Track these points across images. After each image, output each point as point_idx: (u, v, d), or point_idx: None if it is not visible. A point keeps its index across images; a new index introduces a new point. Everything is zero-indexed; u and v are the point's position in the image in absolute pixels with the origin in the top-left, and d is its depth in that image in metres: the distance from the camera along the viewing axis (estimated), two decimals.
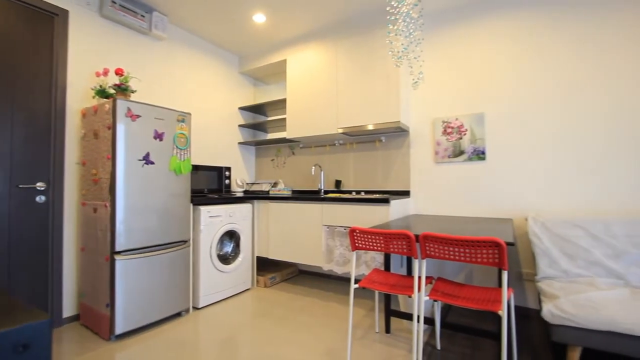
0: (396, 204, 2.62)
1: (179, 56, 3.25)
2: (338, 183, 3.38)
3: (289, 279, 3.48)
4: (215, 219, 2.78)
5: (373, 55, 2.85)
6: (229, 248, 3.06)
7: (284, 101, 3.49)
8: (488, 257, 1.51)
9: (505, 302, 1.51)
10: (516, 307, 2.55)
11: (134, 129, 2.23)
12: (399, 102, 2.71)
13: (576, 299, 1.68)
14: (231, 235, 3.05)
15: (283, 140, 3.63)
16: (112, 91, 2.41)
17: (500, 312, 1.49)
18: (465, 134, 2.75)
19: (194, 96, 3.38)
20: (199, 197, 2.79)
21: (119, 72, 2.39)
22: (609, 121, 2.29)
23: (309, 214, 2.91)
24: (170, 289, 2.43)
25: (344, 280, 3.37)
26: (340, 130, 3.03)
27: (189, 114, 2.62)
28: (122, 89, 2.36)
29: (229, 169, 3.48)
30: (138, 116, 2.26)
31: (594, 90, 2.34)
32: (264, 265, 3.62)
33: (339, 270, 2.69)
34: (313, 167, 3.41)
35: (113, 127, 2.16)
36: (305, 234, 2.92)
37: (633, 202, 2.21)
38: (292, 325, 2.35)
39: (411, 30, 2.26)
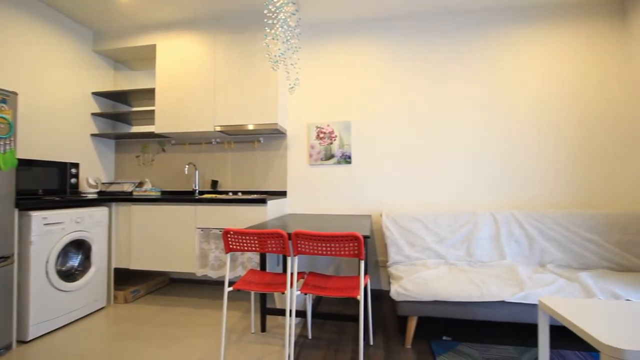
0: (273, 204, 2.69)
1: (1, 17, 2.50)
2: (214, 183, 3.23)
3: (157, 290, 3.12)
4: (54, 227, 2.26)
5: (253, 55, 2.85)
6: (75, 261, 2.53)
7: (153, 91, 3.12)
8: (349, 249, 1.71)
9: (362, 288, 1.74)
10: (373, 291, 2.97)
11: None
12: (277, 104, 2.79)
13: (414, 278, 2.08)
14: (79, 246, 2.53)
15: (151, 135, 3.24)
16: None
17: (358, 298, 1.71)
18: (335, 140, 3.05)
19: (24, 72, 2.66)
20: (30, 200, 2.21)
21: None
22: (444, 139, 2.92)
23: (181, 217, 2.68)
24: None
25: (221, 284, 3.25)
26: (218, 128, 2.91)
27: (15, 93, 2.05)
28: None
29: (76, 165, 2.88)
30: None
31: (437, 111, 2.94)
32: (126, 278, 3.14)
33: (214, 274, 2.58)
34: (187, 166, 3.16)
35: None
36: (176, 238, 2.68)
37: (453, 201, 2.88)
38: (159, 341, 2.12)
39: (288, 37, 2.35)
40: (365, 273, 1.95)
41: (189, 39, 3.02)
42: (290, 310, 1.79)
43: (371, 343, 2.09)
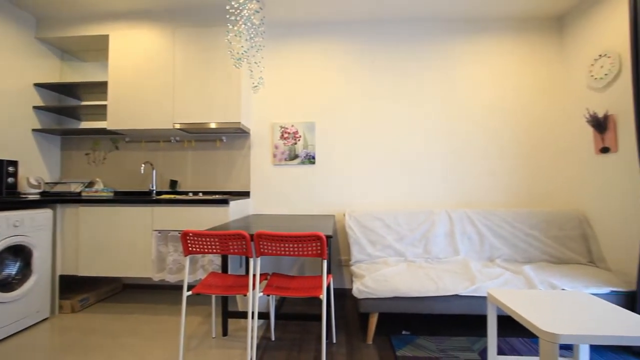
0: (236, 205, 2.63)
1: None
2: (173, 183, 3.10)
3: (109, 298, 2.93)
4: None
5: (215, 52, 2.77)
6: (12, 269, 2.30)
7: (105, 84, 2.92)
8: (312, 249, 1.72)
9: (325, 288, 1.76)
10: (337, 289, 3.01)
11: None
12: (240, 103, 2.74)
13: (375, 276, 2.14)
14: (17, 252, 2.30)
15: (103, 132, 3.03)
16: None
17: (321, 297, 1.73)
18: (299, 140, 3.05)
19: None
20: None
21: None
22: (405, 142, 3.04)
23: (136, 219, 2.54)
24: None
25: (179, 289, 3.11)
26: (177, 126, 2.79)
27: None
28: None
29: (14, 163, 2.62)
30: None
31: (398, 115, 3.05)
32: (74, 285, 2.90)
33: (172, 278, 2.47)
34: (143, 165, 3.00)
35: None
36: (130, 241, 2.53)
37: (412, 200, 3.00)
38: (111, 352, 1.99)
39: (252, 35, 2.32)
40: (329, 272, 1.97)
41: (145, 31, 2.86)
42: (253, 313, 1.76)
43: (334, 341, 2.11)
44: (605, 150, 2.47)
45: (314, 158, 3.05)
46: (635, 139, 2.03)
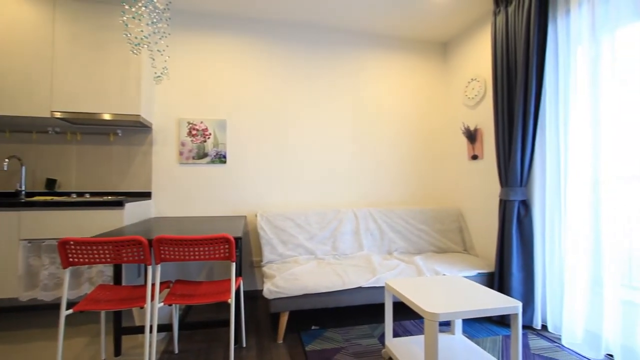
0: (133, 207, 2.36)
1: None
2: (51, 183, 2.60)
3: None
4: None
5: (110, 33, 2.43)
6: None
7: None
8: (220, 252, 1.66)
9: (234, 291, 1.71)
10: (249, 292, 2.96)
11: None
12: (140, 94, 2.47)
13: (285, 275, 2.18)
14: None
15: None
16: None
17: (229, 301, 1.68)
18: (209, 138, 2.90)
19: None
20: None
21: None
22: (316, 143, 3.15)
23: None
24: None
25: (58, 308, 2.64)
26: (58, 115, 2.36)
27: None
28: None
29: None
30: None
31: (310, 117, 3.14)
32: None
33: (47, 296, 2.08)
34: (7, 161, 2.44)
35: None
36: None
37: (320, 200, 3.14)
38: None
39: (154, 20, 2.12)
40: (239, 275, 1.93)
41: None
42: (151, 326, 1.61)
43: (244, 345, 2.07)
44: (474, 157, 2.99)
45: (225, 157, 2.93)
46: (494, 149, 2.53)
